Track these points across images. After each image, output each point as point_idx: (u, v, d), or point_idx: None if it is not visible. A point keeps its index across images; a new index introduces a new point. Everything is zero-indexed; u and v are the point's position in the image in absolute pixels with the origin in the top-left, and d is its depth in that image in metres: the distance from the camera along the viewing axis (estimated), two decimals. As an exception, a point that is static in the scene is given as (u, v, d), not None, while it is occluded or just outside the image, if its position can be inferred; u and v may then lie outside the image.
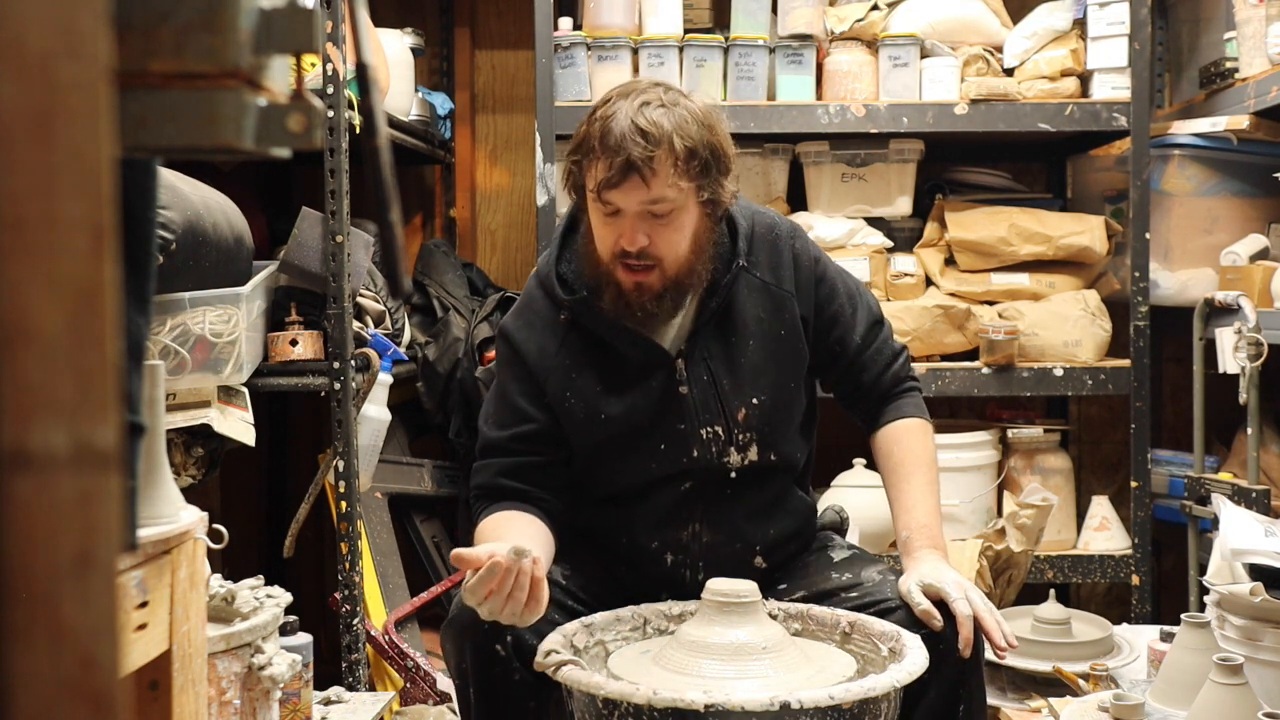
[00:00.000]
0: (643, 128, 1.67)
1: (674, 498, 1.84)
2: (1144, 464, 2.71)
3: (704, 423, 1.81)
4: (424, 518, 3.04)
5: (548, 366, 1.83)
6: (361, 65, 0.80)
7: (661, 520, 1.84)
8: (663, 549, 1.85)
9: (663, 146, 1.67)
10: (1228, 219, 2.78)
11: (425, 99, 3.14)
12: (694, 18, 2.86)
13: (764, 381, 1.83)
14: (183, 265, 2.07)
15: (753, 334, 1.83)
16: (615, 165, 1.66)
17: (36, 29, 0.54)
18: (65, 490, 0.55)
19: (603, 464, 1.85)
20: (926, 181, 3.00)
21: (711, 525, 1.84)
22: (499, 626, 1.60)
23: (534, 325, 1.86)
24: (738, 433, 1.82)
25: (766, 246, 1.86)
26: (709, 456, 1.82)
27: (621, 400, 1.81)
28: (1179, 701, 1.84)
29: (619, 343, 1.81)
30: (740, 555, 1.86)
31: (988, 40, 2.85)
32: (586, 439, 1.83)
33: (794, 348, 1.86)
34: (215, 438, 2.27)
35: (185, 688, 1.17)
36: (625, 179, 1.67)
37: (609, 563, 1.90)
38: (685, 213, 1.73)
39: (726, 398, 1.82)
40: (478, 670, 1.67)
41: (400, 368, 2.71)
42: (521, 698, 1.67)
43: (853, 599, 1.78)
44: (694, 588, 1.77)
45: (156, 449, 1.20)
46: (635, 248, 1.71)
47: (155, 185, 0.98)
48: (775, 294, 1.85)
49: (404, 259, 0.81)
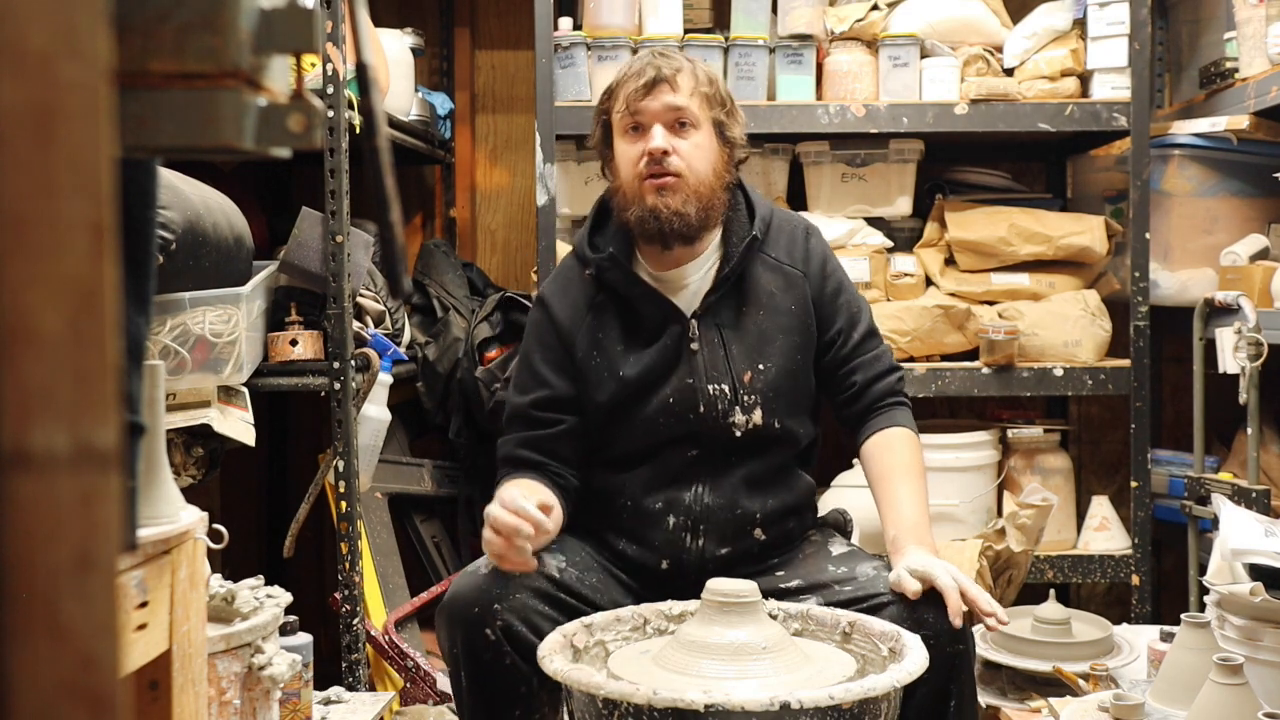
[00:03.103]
0: (664, 54, 1.94)
1: (680, 461, 1.93)
2: (1144, 464, 2.71)
3: (712, 380, 1.92)
4: (424, 518, 3.04)
5: (577, 325, 1.97)
6: (361, 65, 0.80)
7: (666, 481, 1.93)
8: (665, 510, 1.92)
9: (684, 68, 1.91)
10: (1228, 219, 2.78)
11: (425, 99, 3.14)
12: (694, 18, 2.86)
13: (771, 350, 1.94)
14: (183, 265, 2.07)
15: (764, 306, 1.95)
16: (644, 79, 1.89)
17: (36, 29, 0.54)
18: (65, 490, 0.55)
19: (618, 419, 1.95)
20: (926, 181, 3.00)
21: (714, 489, 1.92)
22: (489, 613, 1.71)
23: (567, 289, 2.01)
24: (743, 394, 1.92)
25: (783, 232, 2.01)
26: (715, 415, 1.92)
27: (639, 358, 1.94)
28: (1179, 701, 1.84)
29: (640, 302, 1.95)
30: (739, 523, 1.92)
31: (988, 40, 2.84)
32: (605, 395, 1.94)
33: (803, 323, 1.97)
34: (215, 438, 2.27)
35: (185, 688, 1.17)
36: (652, 89, 1.88)
37: (610, 539, 1.96)
38: (703, 133, 1.91)
39: (734, 360, 1.93)
40: (468, 655, 1.73)
41: (400, 368, 2.71)
42: (512, 682, 1.73)
43: (847, 592, 1.81)
44: (693, 555, 1.89)
45: (156, 449, 1.20)
46: (660, 147, 1.87)
47: (155, 185, 0.98)
48: (788, 273, 1.98)
49: (404, 259, 0.81)
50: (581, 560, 1.89)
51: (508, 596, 1.74)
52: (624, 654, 1.66)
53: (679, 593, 1.83)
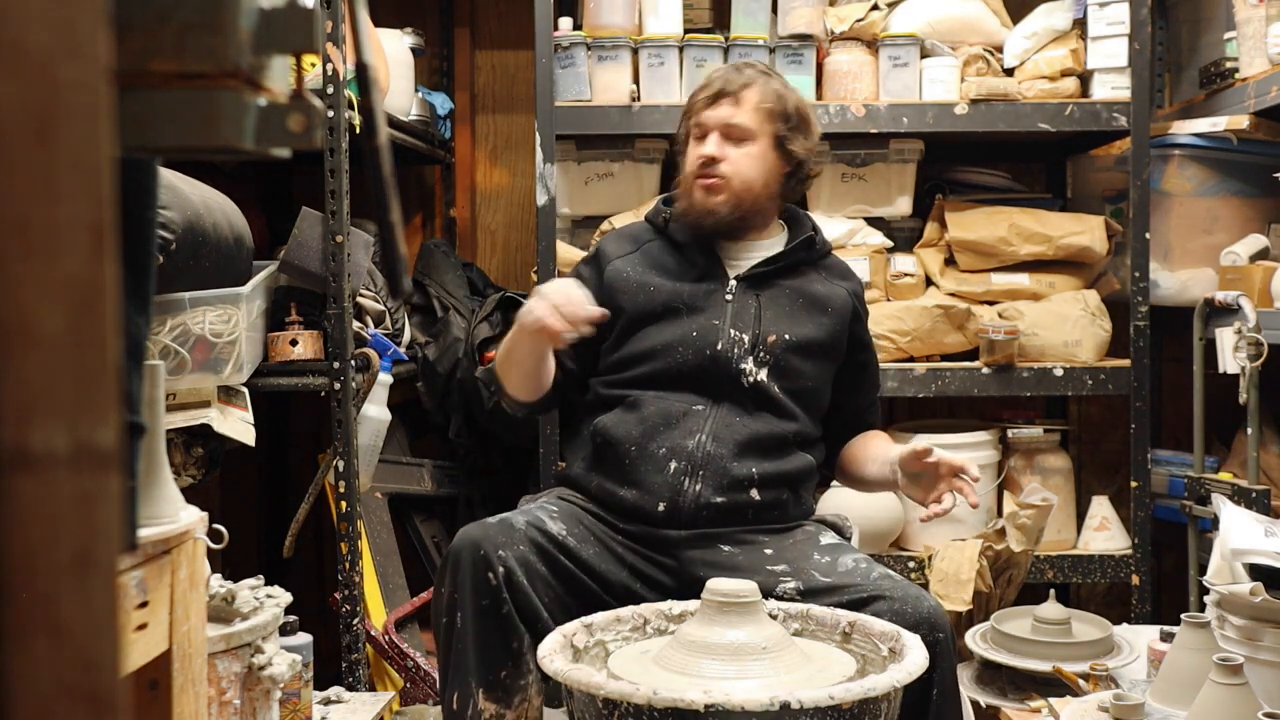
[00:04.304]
0: (738, 68, 2.14)
1: (688, 404, 2.03)
2: (1144, 464, 2.71)
3: (736, 326, 2.06)
4: (424, 518, 3.04)
5: (619, 258, 2.15)
6: (361, 65, 0.80)
7: (673, 425, 2.01)
8: (669, 455, 1.99)
9: (751, 86, 2.08)
10: (1228, 219, 2.78)
11: (425, 99, 3.14)
12: (694, 18, 2.86)
13: (799, 332, 2.08)
14: (183, 265, 2.07)
15: (806, 301, 2.11)
16: (710, 91, 2.10)
17: (36, 29, 0.54)
18: (65, 490, 0.55)
19: (637, 335, 2.08)
20: (926, 181, 3.00)
21: (717, 440, 2.00)
22: (495, 556, 1.78)
23: (624, 236, 2.23)
24: (761, 350, 2.05)
25: (839, 264, 2.24)
26: (730, 357, 2.04)
27: (675, 286, 2.09)
28: (1179, 701, 1.84)
29: (691, 251, 2.13)
30: (736, 475, 1.98)
31: (988, 40, 2.84)
32: (631, 305, 2.08)
33: (834, 339, 2.12)
34: (215, 438, 2.27)
35: (185, 688, 1.17)
36: (715, 102, 2.08)
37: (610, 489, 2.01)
38: (759, 145, 2.09)
39: (763, 320, 2.07)
40: (473, 594, 1.78)
41: (400, 368, 2.71)
42: (505, 635, 1.78)
43: (828, 583, 1.87)
44: (689, 499, 1.96)
45: (156, 449, 1.20)
46: (710, 153, 2.06)
47: (155, 185, 0.98)
48: (834, 290, 2.15)
49: (404, 259, 0.81)
50: (579, 532, 1.94)
51: (512, 545, 1.81)
52: (624, 654, 1.66)
53: (673, 547, 1.93)
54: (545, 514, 1.93)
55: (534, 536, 1.85)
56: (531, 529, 1.86)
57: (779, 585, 1.86)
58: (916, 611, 1.75)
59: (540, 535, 1.86)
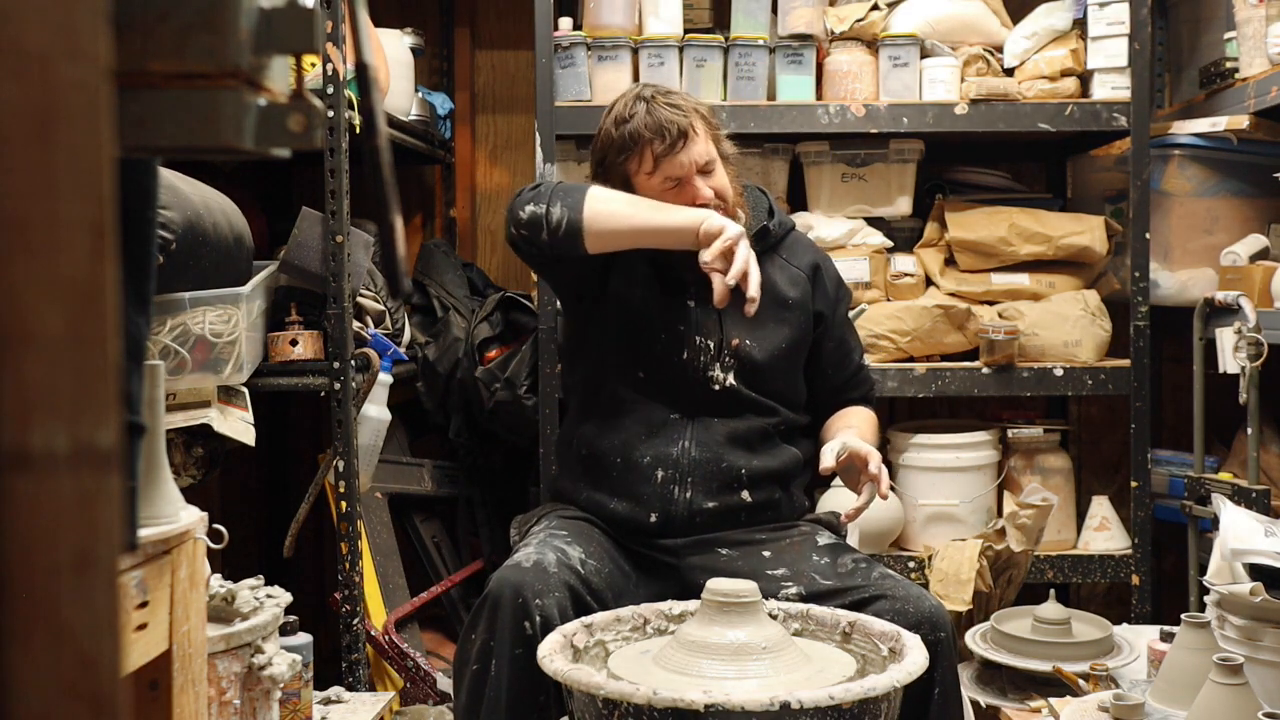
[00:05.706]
0: (673, 103, 2.07)
1: (664, 417, 2.06)
2: (1144, 464, 2.71)
3: (699, 332, 2.09)
4: (424, 518, 3.04)
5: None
6: (361, 65, 0.80)
7: (654, 433, 2.04)
8: (654, 465, 2.02)
9: (691, 115, 2.06)
10: (1228, 219, 2.78)
11: (425, 99, 3.14)
12: (694, 18, 2.86)
13: (761, 335, 2.09)
14: (183, 265, 2.07)
15: (765, 296, 2.05)
16: (666, 139, 2.03)
17: (36, 29, 0.54)
18: (65, 490, 0.55)
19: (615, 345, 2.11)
20: (926, 181, 3.00)
21: (699, 444, 2.03)
22: (531, 605, 1.74)
23: None
24: (726, 355, 2.08)
25: (801, 240, 2.24)
26: (697, 365, 2.07)
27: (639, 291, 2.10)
28: (1179, 701, 1.84)
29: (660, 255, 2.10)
30: (725, 477, 2.01)
31: (988, 40, 2.84)
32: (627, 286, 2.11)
33: (802, 326, 2.13)
34: (215, 438, 2.27)
35: (185, 688, 1.17)
36: (674, 148, 2.03)
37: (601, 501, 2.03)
38: (718, 162, 2.11)
39: (724, 326, 2.09)
40: (512, 644, 1.73)
41: (400, 368, 2.71)
42: (535, 685, 1.72)
43: (829, 586, 1.87)
44: (681, 507, 1.99)
45: (156, 449, 1.20)
46: (709, 200, 2.05)
47: (155, 185, 0.98)
48: (795, 276, 2.16)
49: (404, 259, 0.81)
50: (595, 551, 1.93)
51: (549, 592, 1.77)
52: (624, 654, 1.66)
53: (670, 553, 1.94)
54: (562, 542, 1.89)
55: (567, 579, 1.81)
56: (563, 568, 1.82)
57: (780, 591, 1.86)
58: (918, 611, 1.76)
59: (572, 575, 1.82)
